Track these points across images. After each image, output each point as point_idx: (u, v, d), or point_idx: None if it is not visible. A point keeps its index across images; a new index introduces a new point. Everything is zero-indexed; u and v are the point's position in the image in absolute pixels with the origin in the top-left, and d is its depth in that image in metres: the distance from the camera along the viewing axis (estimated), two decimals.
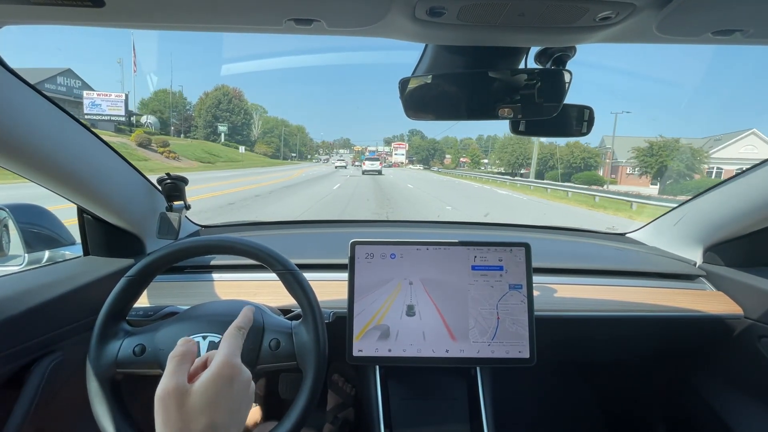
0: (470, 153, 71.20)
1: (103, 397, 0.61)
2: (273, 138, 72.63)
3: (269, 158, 59.69)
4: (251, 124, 65.33)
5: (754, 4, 0.47)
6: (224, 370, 0.43)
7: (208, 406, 0.40)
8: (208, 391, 0.41)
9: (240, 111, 59.60)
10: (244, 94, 62.12)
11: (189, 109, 57.34)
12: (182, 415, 0.39)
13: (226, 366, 0.43)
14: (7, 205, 0.97)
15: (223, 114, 57.61)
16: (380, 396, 0.90)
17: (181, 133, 49.60)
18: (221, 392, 0.41)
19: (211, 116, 56.26)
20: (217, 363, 0.44)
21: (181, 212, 1.01)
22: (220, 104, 57.79)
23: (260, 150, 61.74)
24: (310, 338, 0.65)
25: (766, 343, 0.95)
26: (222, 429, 0.40)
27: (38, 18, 0.54)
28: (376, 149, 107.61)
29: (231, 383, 0.43)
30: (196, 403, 0.40)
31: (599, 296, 1.03)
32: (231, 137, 56.15)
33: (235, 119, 58.62)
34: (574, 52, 0.65)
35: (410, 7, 0.48)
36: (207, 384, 0.42)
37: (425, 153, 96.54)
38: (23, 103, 0.64)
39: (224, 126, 54.29)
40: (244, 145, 55.86)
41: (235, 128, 59.05)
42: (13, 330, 0.68)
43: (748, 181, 0.95)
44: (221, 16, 0.52)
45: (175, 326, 0.66)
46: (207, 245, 0.68)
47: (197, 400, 0.40)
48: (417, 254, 0.87)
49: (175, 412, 0.40)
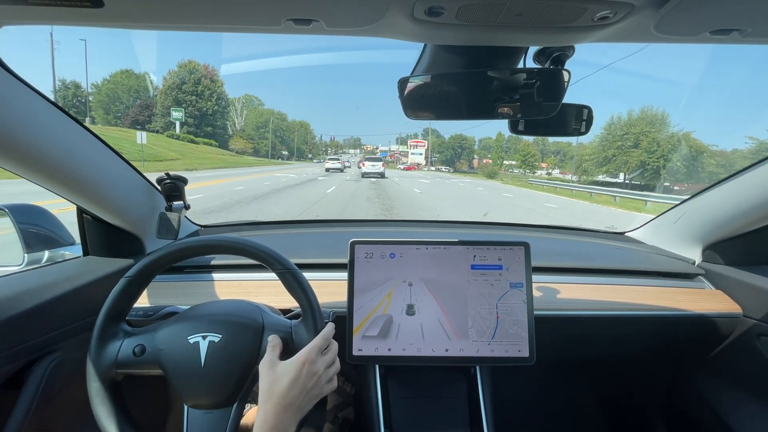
0: (523, 153, 53.18)
1: (103, 398, 0.61)
2: (266, 133, 63.13)
3: (247, 156, 49.30)
4: (228, 112, 51.79)
5: (752, 4, 0.47)
6: (303, 356, 0.61)
7: (287, 374, 0.59)
8: (288, 365, 0.60)
9: (212, 95, 45.72)
10: (218, 74, 47.97)
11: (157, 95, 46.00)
12: (273, 376, 0.59)
13: (306, 354, 0.62)
14: (6, 206, 0.97)
15: (188, 98, 44.04)
16: (380, 395, 0.90)
17: (139, 125, 42.25)
18: (297, 370, 0.60)
19: (172, 101, 43.56)
20: (301, 351, 0.62)
21: (180, 212, 1.01)
22: (183, 84, 44.45)
23: (237, 146, 50.55)
24: (310, 337, 0.65)
25: (765, 342, 0.95)
26: (291, 393, 0.58)
27: (37, 18, 0.54)
28: (388, 149, 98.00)
29: (303, 366, 0.60)
30: (281, 370, 0.60)
31: (599, 295, 1.03)
32: (199, 128, 44.30)
33: (203, 105, 44.87)
34: (572, 52, 0.65)
35: (409, 6, 0.48)
36: (290, 362, 0.61)
37: (449, 152, 79.89)
38: (23, 103, 0.64)
39: (179, 112, 41.46)
40: (215, 138, 44.87)
41: (204, 117, 44.99)
42: (13, 330, 0.68)
43: (747, 180, 0.95)
44: (220, 16, 0.52)
45: (175, 326, 0.66)
46: (206, 245, 0.69)
47: (282, 368, 0.60)
48: (416, 254, 0.87)
49: (269, 373, 0.60)
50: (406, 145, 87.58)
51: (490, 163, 63.92)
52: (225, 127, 50.71)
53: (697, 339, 1.07)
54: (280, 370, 0.60)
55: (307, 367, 0.61)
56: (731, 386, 1.06)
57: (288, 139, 74.41)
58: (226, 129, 51.31)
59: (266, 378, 0.60)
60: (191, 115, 44.61)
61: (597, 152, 32.05)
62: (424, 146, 78.57)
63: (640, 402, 1.35)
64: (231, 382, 0.63)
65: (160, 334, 0.65)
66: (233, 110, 59.69)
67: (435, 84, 0.69)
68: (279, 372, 0.60)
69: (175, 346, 0.64)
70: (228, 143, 50.59)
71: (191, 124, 44.08)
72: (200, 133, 44.12)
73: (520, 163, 54.02)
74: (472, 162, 78.62)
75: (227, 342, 0.64)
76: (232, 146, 50.65)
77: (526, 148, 54.41)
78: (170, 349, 0.64)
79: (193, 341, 0.63)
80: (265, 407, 0.57)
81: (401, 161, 78.70)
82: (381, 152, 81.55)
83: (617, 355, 1.30)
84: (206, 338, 0.64)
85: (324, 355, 0.64)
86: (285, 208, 9.20)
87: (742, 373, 1.04)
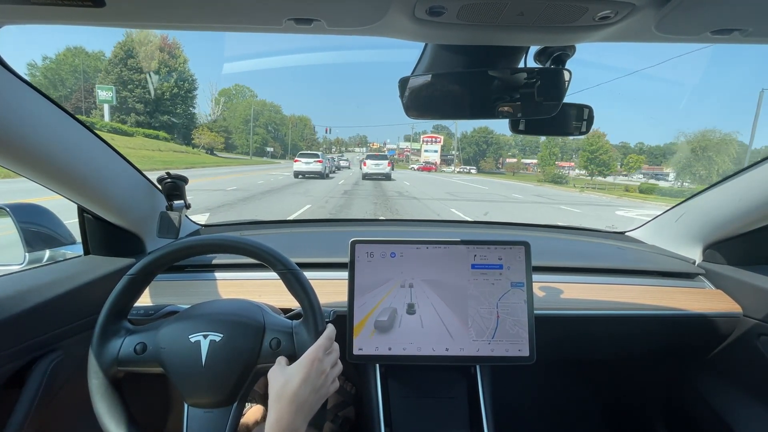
0: (590, 148, 39.08)
1: (104, 396, 0.61)
2: (257, 127, 53.77)
3: (215, 154, 39.01)
4: (191, 98, 38.66)
5: (753, 4, 0.47)
6: (311, 355, 0.63)
7: (298, 374, 0.61)
8: (298, 366, 0.62)
9: (170, 74, 35.62)
10: (181, 48, 37.39)
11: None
12: (284, 376, 0.61)
13: (314, 353, 0.63)
14: (7, 205, 0.97)
15: (135, 77, 33.61)
16: (380, 394, 0.90)
17: (84, 113, 32.87)
18: (306, 369, 0.61)
19: (115, 80, 32.99)
20: (308, 351, 0.63)
21: (181, 211, 1.01)
22: (129, 59, 33.94)
23: (204, 140, 38.35)
24: (311, 337, 0.65)
25: (765, 341, 0.95)
26: (302, 393, 0.60)
27: (38, 18, 0.54)
28: (396, 146, 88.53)
29: (312, 365, 0.62)
30: (292, 371, 0.61)
31: (599, 294, 1.03)
32: (152, 116, 34.33)
33: (158, 87, 34.49)
34: (573, 51, 0.65)
35: (410, 6, 0.48)
36: (299, 363, 0.62)
37: (473, 149, 65.88)
38: (24, 102, 0.64)
39: (108, 91, 29.51)
40: (175, 129, 34.85)
41: (160, 103, 34.53)
42: (15, 329, 0.69)
43: (747, 179, 0.95)
44: (221, 15, 0.52)
45: (176, 325, 0.66)
46: (207, 244, 0.69)
47: (293, 369, 0.61)
48: (417, 253, 0.87)
49: (280, 374, 0.61)
50: (417, 142, 77.07)
51: (516, 162, 54.00)
52: (191, 116, 39.49)
53: (698, 339, 1.07)
54: (290, 371, 0.61)
55: (316, 365, 0.62)
56: (731, 386, 1.06)
57: (281, 134, 64.02)
58: (193, 119, 39.80)
59: (277, 379, 0.61)
60: (141, 100, 33.94)
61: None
62: (439, 142, 68.64)
63: (640, 401, 1.35)
64: (231, 381, 0.63)
65: (162, 332, 0.65)
66: (214, 98, 49.39)
67: (436, 83, 0.69)
68: (289, 373, 0.61)
69: (176, 345, 0.64)
70: (191, 136, 39.30)
71: (141, 111, 33.67)
72: (155, 123, 34.39)
73: (585, 163, 39.66)
74: (499, 160, 66.09)
75: (228, 341, 0.64)
76: (197, 140, 38.70)
77: (597, 141, 38.97)
78: (171, 347, 0.64)
79: (194, 340, 0.64)
80: (277, 407, 0.58)
81: (411, 160, 69.50)
82: (389, 150, 70.71)
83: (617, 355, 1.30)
84: (207, 337, 0.64)
85: (329, 355, 0.66)
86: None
87: (743, 373, 1.04)
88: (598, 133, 39.77)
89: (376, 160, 21.31)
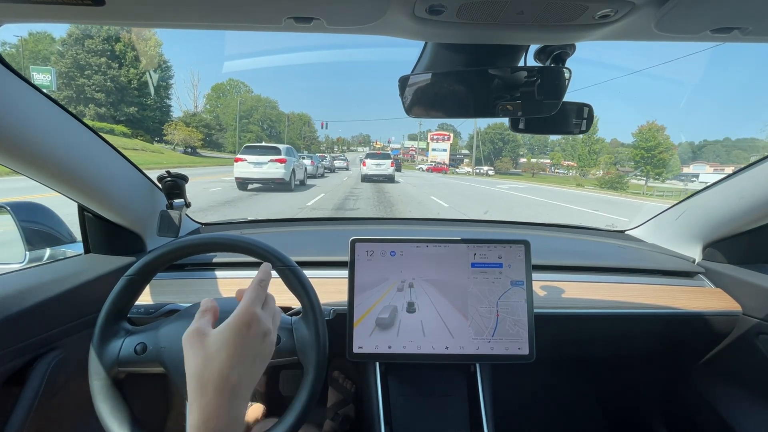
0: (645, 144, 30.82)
1: (106, 397, 0.61)
2: (252, 125, 48.53)
3: (187, 153, 32.33)
4: (165, 87, 33.48)
5: (753, 2, 0.47)
6: (243, 316, 0.47)
7: (225, 347, 0.45)
8: (224, 333, 0.46)
9: (137, 60, 30.28)
10: (154, 32, 31.47)
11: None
12: (203, 352, 0.45)
13: (245, 313, 0.47)
14: (8, 203, 0.97)
15: (94, 61, 28.67)
16: (380, 392, 0.90)
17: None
18: (238, 336, 0.46)
19: (71, 64, 28.12)
20: (237, 310, 0.48)
21: (181, 210, 1.01)
22: (87, 39, 28.95)
23: (177, 136, 32.26)
24: (311, 333, 0.65)
25: (764, 340, 0.95)
26: (235, 372, 0.44)
27: (38, 16, 0.54)
28: (401, 145, 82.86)
29: (248, 328, 0.46)
30: (214, 343, 0.45)
31: (598, 293, 1.03)
32: (116, 108, 29.19)
33: (122, 74, 29.07)
34: (573, 50, 0.65)
35: (410, 5, 0.48)
36: (224, 327, 0.46)
37: (488, 147, 57.83)
38: (24, 101, 0.64)
39: (45, 73, 23.33)
40: (143, 124, 29.83)
41: (125, 92, 29.39)
42: (15, 327, 0.69)
43: (747, 178, 0.95)
44: (221, 14, 0.52)
45: (177, 324, 0.66)
46: (207, 243, 0.69)
47: (215, 339, 0.45)
48: (417, 252, 0.87)
49: (197, 349, 0.45)
50: (423, 141, 72.18)
51: (535, 162, 46.84)
52: (165, 109, 33.42)
53: (697, 337, 1.07)
54: (212, 344, 0.45)
55: (254, 327, 0.47)
56: (731, 384, 1.07)
57: (276, 131, 56.21)
58: (168, 112, 33.55)
59: (194, 357, 0.44)
60: (101, 88, 28.51)
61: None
62: (449, 140, 60.33)
63: (639, 399, 1.36)
64: None
65: (162, 331, 0.66)
66: (194, 86, 42.85)
67: (436, 82, 0.69)
68: (211, 346, 0.45)
69: (177, 344, 0.64)
70: (163, 132, 33.46)
71: (102, 101, 28.16)
72: (119, 117, 29.31)
73: (640, 162, 31.33)
74: (517, 160, 58.40)
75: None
76: (169, 137, 33.03)
77: (654, 136, 30.02)
78: (172, 346, 0.64)
79: None
80: (201, 401, 0.43)
81: (417, 160, 65.49)
82: (392, 150, 65.02)
83: (617, 353, 1.30)
84: None
85: (266, 308, 0.51)
86: None
87: (742, 372, 1.04)
88: (655, 125, 31.26)
89: (377, 160, 17.77)
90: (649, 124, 31.38)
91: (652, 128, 31.27)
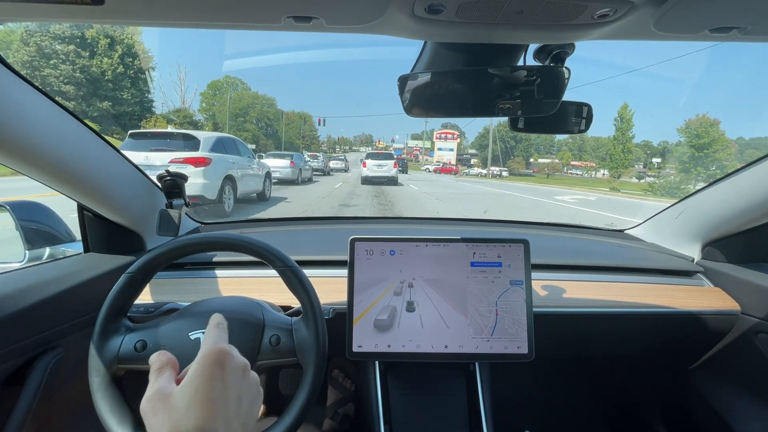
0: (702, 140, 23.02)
1: (105, 393, 0.61)
2: (248, 123, 44.79)
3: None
4: (144, 80, 29.11)
5: (751, 2, 0.47)
6: (211, 355, 0.40)
7: (197, 400, 0.37)
8: (192, 384, 0.38)
9: (112, 49, 25.97)
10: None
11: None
12: (169, 415, 0.36)
13: (212, 353, 0.40)
14: (8, 203, 0.97)
15: (61, 49, 24.45)
16: (380, 391, 0.91)
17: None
18: (211, 381, 0.38)
19: (34, 53, 23.93)
20: (201, 353, 0.40)
21: (180, 209, 1.01)
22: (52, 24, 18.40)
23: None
24: (310, 334, 0.65)
25: (763, 339, 0.95)
26: (219, 422, 0.36)
27: (37, 15, 0.54)
28: (404, 145, 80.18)
29: (222, 367, 0.39)
30: (181, 400, 0.37)
31: (598, 292, 1.03)
32: (88, 102, 25.36)
33: (95, 65, 25.42)
34: (572, 49, 0.65)
35: (409, 4, 0.48)
36: (191, 377, 0.38)
37: (498, 146, 51.97)
38: (24, 100, 0.64)
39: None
40: (120, 119, 25.45)
41: (98, 85, 25.42)
42: (15, 327, 0.69)
43: (746, 177, 0.95)
44: (220, 13, 0.52)
45: (176, 322, 0.66)
46: (207, 242, 0.69)
47: (181, 396, 0.37)
48: (416, 251, 0.87)
49: (161, 416, 0.37)
50: (426, 141, 69.08)
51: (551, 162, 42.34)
52: (145, 103, 29.80)
53: (696, 336, 1.07)
54: (179, 400, 0.37)
55: (228, 364, 0.40)
56: (729, 383, 1.07)
57: (274, 130, 52.39)
58: (149, 107, 30.24)
59: (161, 426, 0.36)
60: (71, 80, 25.16)
61: None
62: (456, 139, 57.13)
63: (638, 398, 1.36)
64: None
65: (162, 330, 0.66)
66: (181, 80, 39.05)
67: (435, 81, 0.69)
68: (178, 404, 0.37)
69: (177, 342, 0.64)
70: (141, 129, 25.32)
71: (72, 95, 24.75)
72: (92, 112, 25.60)
73: (688, 163, 24.55)
74: (530, 162, 54.93)
75: (228, 339, 0.64)
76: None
77: (707, 132, 24.10)
78: (171, 344, 0.64)
79: (194, 337, 0.64)
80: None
81: (420, 160, 63.61)
82: (396, 150, 62.23)
83: (616, 353, 1.30)
84: None
85: (232, 356, 0.42)
86: None
87: (741, 371, 1.04)
88: (707, 119, 24.55)
89: (378, 160, 15.89)
90: (699, 118, 24.90)
91: (704, 122, 24.80)
